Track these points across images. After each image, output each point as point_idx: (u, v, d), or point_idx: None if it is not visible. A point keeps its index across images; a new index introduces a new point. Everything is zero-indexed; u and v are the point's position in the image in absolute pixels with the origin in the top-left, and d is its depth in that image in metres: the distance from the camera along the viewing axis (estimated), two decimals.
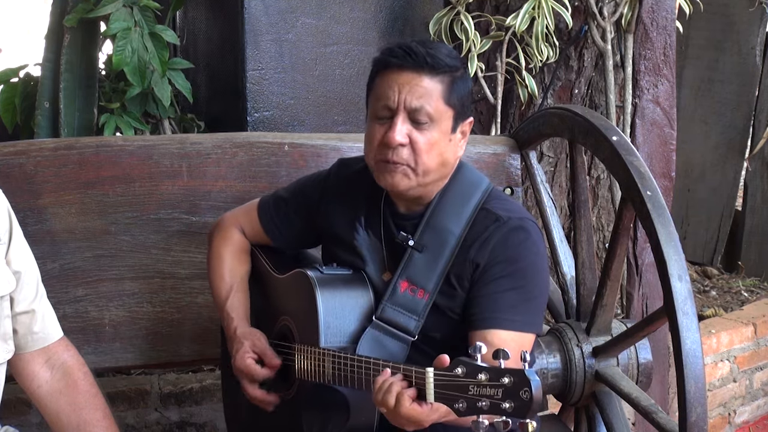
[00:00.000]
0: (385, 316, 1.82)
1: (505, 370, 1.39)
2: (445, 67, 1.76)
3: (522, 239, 1.79)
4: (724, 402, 3.70)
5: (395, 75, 1.76)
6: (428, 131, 1.76)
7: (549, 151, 3.53)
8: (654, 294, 2.67)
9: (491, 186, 1.90)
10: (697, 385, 1.80)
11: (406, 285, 1.82)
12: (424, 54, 1.74)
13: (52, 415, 1.80)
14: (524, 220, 1.82)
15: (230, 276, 2.06)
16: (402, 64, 1.75)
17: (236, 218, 2.11)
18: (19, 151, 2.23)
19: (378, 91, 1.79)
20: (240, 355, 1.93)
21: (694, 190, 4.82)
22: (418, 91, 1.74)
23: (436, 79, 1.75)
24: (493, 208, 1.83)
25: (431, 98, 1.74)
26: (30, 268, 1.79)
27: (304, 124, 3.04)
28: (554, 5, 3.00)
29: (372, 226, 1.91)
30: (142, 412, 2.85)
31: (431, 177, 1.80)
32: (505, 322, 1.75)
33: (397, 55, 1.76)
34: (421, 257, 1.82)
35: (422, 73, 1.74)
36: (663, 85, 2.83)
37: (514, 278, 1.77)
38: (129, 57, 2.76)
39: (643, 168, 2.01)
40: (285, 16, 2.99)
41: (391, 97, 1.75)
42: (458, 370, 1.43)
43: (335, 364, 1.75)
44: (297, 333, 1.92)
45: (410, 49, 1.75)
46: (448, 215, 1.83)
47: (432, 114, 1.75)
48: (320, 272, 1.87)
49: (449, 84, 1.76)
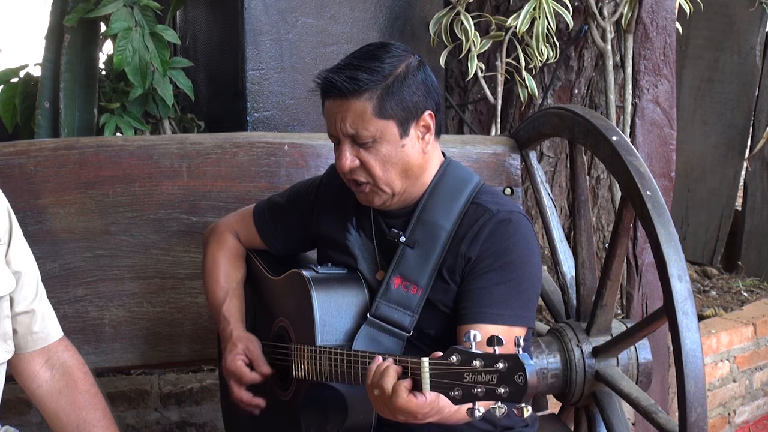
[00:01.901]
0: (380, 313, 1.82)
1: (499, 355, 1.39)
2: (367, 84, 1.74)
3: (511, 232, 1.80)
4: (724, 402, 3.70)
5: (328, 104, 1.79)
6: (374, 148, 1.77)
7: (549, 151, 3.53)
8: (654, 294, 2.67)
9: (481, 182, 1.91)
10: (697, 385, 1.80)
11: (399, 281, 1.83)
12: (343, 80, 1.74)
13: (51, 414, 1.80)
14: (513, 213, 1.83)
15: (226, 281, 2.08)
16: (326, 92, 1.78)
17: (231, 224, 2.13)
18: (19, 151, 2.23)
19: (325, 120, 1.83)
20: (231, 357, 1.95)
21: (694, 190, 4.82)
22: (349, 117, 1.76)
23: (362, 99, 1.75)
24: (483, 202, 1.84)
25: (363, 120, 1.75)
26: (30, 268, 1.79)
27: (304, 124, 3.04)
28: (555, 6, 3.00)
29: (363, 226, 1.92)
30: (142, 412, 2.85)
31: (400, 186, 1.82)
32: (493, 316, 1.75)
33: (322, 87, 1.78)
34: (413, 253, 1.83)
35: (348, 98, 1.75)
36: (663, 85, 2.83)
37: (503, 272, 1.78)
38: (130, 57, 2.76)
39: (643, 168, 2.01)
40: (285, 16, 2.99)
41: (330, 126, 1.81)
42: (453, 358, 1.43)
43: (331, 360, 1.75)
44: (294, 333, 1.92)
45: (330, 80, 1.76)
46: (438, 210, 1.84)
47: (369, 134, 1.76)
48: (315, 272, 1.88)
49: (379, 98, 1.75)
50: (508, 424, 1.92)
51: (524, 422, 1.95)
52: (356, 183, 1.82)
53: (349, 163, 1.78)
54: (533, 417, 2.01)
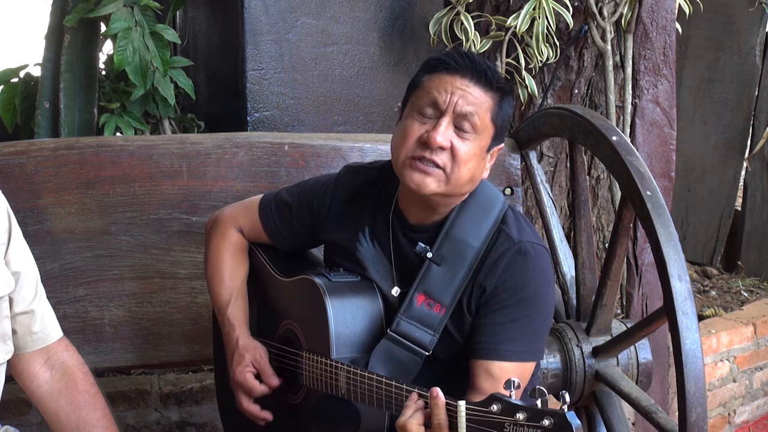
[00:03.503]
0: (401, 330, 1.78)
1: (545, 411, 1.34)
2: (499, 83, 1.75)
3: (529, 266, 1.76)
4: (724, 402, 3.70)
5: (450, 77, 1.73)
6: (469, 141, 1.73)
7: (549, 151, 3.53)
8: (654, 294, 2.67)
9: (506, 203, 1.87)
10: (697, 385, 1.80)
11: (423, 299, 1.78)
12: (484, 66, 1.74)
13: (51, 415, 1.80)
14: (533, 245, 1.79)
15: (231, 280, 2.03)
16: (459, 69, 1.73)
17: (235, 216, 2.07)
18: (19, 151, 2.23)
19: (427, 88, 1.75)
20: (240, 370, 1.93)
21: (694, 190, 4.82)
22: (470, 98, 1.72)
23: (489, 93, 1.74)
24: (508, 228, 1.80)
25: (480, 109, 1.73)
26: (29, 268, 1.79)
27: (304, 124, 3.04)
28: (555, 6, 3.00)
29: (378, 236, 1.87)
30: (142, 412, 2.85)
31: (458, 189, 1.76)
32: (508, 353, 1.73)
33: (457, 60, 1.74)
34: (438, 270, 1.78)
35: (477, 83, 1.73)
36: (663, 85, 2.83)
37: (519, 307, 1.74)
38: (130, 57, 2.76)
39: (643, 168, 2.01)
40: (285, 16, 2.99)
41: (442, 96, 1.72)
42: (494, 407, 1.39)
43: (350, 380, 1.72)
44: (304, 340, 1.89)
45: (472, 57, 1.74)
46: (468, 228, 1.79)
47: (477, 125, 1.73)
48: (328, 279, 1.84)
49: (498, 102, 1.75)
50: None
51: None
52: (424, 160, 1.72)
53: (443, 140, 1.70)
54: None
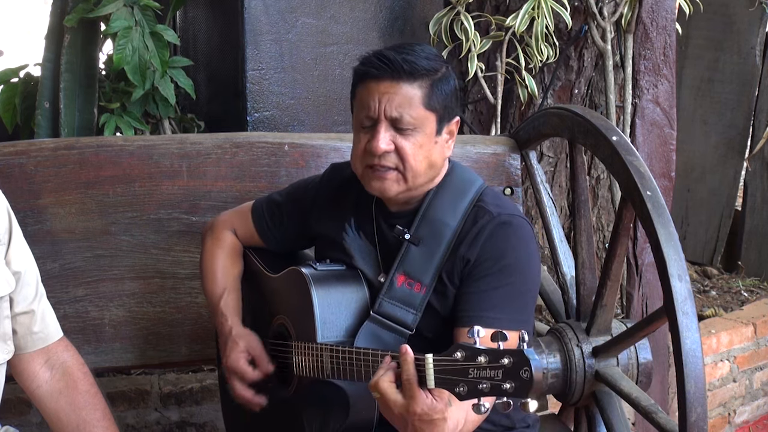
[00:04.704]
0: (383, 310, 1.82)
1: (504, 351, 1.39)
2: (422, 71, 1.76)
3: (510, 235, 1.80)
4: (724, 402, 3.70)
5: (374, 84, 1.77)
6: (412, 136, 1.77)
7: (549, 151, 3.53)
8: (654, 294, 2.67)
9: (485, 185, 1.91)
10: (697, 385, 1.80)
11: (403, 279, 1.83)
12: (400, 61, 1.74)
13: (51, 415, 1.80)
14: (514, 216, 1.83)
15: (223, 276, 2.08)
16: (380, 74, 1.76)
17: (229, 220, 2.13)
18: (19, 151, 2.23)
19: (360, 101, 1.80)
20: (234, 355, 1.95)
21: (694, 190, 4.82)
22: (397, 99, 1.75)
23: (414, 85, 1.75)
24: (485, 204, 1.84)
25: (411, 106, 1.75)
26: (29, 268, 1.79)
27: (304, 124, 3.04)
28: (554, 5, 3.00)
29: (363, 228, 1.92)
30: (142, 412, 2.85)
31: (420, 180, 1.81)
32: (490, 320, 1.74)
33: (374, 64, 1.77)
34: (417, 251, 1.83)
35: (400, 81, 1.75)
36: (663, 85, 2.83)
37: (500, 276, 1.77)
38: (130, 56, 2.77)
39: (643, 168, 2.01)
40: (285, 16, 2.99)
41: (372, 107, 1.77)
42: (457, 354, 1.44)
43: (333, 358, 1.75)
44: (294, 331, 1.92)
45: (386, 58, 1.76)
46: (444, 209, 1.84)
47: (413, 121, 1.76)
48: (314, 269, 1.88)
49: (429, 88, 1.76)
50: (509, 425, 1.91)
51: (525, 423, 1.95)
52: (379, 168, 1.79)
53: (385, 145, 1.76)
54: (534, 418, 2.01)
